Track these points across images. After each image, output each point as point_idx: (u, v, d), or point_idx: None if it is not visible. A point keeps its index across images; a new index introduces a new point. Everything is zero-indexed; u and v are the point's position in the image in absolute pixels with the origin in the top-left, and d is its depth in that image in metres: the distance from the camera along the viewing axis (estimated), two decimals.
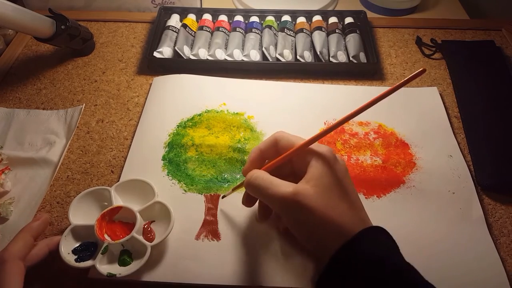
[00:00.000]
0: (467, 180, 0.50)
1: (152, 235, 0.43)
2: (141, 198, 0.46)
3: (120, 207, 0.44)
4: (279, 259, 0.43)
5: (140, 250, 0.42)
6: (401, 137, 0.55)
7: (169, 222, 0.43)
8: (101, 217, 0.43)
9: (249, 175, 0.39)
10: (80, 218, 0.43)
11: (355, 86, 0.62)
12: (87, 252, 0.42)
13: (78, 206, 0.44)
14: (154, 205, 0.45)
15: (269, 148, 0.41)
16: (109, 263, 0.41)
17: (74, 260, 0.41)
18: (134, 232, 0.42)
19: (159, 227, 0.44)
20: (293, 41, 0.68)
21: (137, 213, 0.43)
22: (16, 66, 0.67)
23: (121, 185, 0.46)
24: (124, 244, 0.42)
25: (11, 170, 0.51)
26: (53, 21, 0.60)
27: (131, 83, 0.64)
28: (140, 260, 0.40)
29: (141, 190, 0.46)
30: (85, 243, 0.42)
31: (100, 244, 0.41)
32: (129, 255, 0.42)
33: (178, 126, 0.56)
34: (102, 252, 0.41)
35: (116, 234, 0.43)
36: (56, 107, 0.60)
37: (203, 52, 0.65)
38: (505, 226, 0.47)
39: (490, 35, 0.72)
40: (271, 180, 0.37)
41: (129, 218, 0.44)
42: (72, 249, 0.42)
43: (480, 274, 0.42)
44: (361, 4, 0.82)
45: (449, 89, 0.62)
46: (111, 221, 0.44)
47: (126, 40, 0.71)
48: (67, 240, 0.42)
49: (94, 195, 0.46)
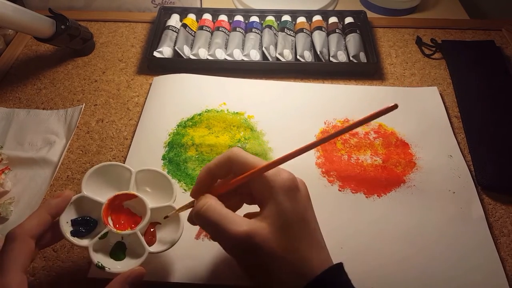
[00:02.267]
0: (467, 180, 0.50)
1: (153, 238, 0.40)
2: (156, 194, 0.42)
3: (135, 195, 0.40)
4: None
5: (136, 249, 0.39)
6: (401, 137, 0.55)
7: (174, 230, 0.40)
8: (113, 199, 0.39)
9: (199, 204, 0.34)
10: (91, 190, 0.40)
11: (355, 86, 0.62)
12: (86, 227, 0.38)
13: (94, 177, 0.40)
14: (167, 208, 0.40)
15: (221, 167, 0.35)
16: (101, 250, 0.38)
17: (70, 232, 0.37)
18: (138, 228, 0.39)
19: (162, 232, 0.41)
20: (293, 41, 0.68)
21: (149, 210, 0.39)
22: (16, 66, 0.67)
23: (143, 172, 0.42)
24: (124, 237, 0.39)
25: (11, 170, 0.51)
26: (53, 21, 0.60)
27: (131, 83, 0.64)
28: (134, 261, 0.38)
29: (160, 187, 0.42)
30: (86, 218, 0.39)
31: (100, 226, 0.39)
32: (123, 250, 0.39)
33: (178, 126, 0.56)
34: (100, 237, 0.38)
35: (120, 222, 0.40)
36: (56, 107, 0.60)
37: (203, 52, 0.65)
38: (505, 226, 0.47)
39: (490, 35, 0.72)
40: (224, 213, 0.33)
41: (138, 210, 0.41)
42: (71, 218, 0.38)
43: (480, 274, 0.42)
44: (361, 4, 0.82)
45: (449, 89, 0.62)
46: (120, 206, 0.41)
47: (126, 40, 0.71)
48: (70, 208, 0.38)
49: (114, 171, 0.41)
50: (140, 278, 0.36)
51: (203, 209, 0.33)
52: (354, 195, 0.49)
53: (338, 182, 0.50)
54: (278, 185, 0.33)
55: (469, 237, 0.45)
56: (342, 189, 0.49)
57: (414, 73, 0.65)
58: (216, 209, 0.33)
